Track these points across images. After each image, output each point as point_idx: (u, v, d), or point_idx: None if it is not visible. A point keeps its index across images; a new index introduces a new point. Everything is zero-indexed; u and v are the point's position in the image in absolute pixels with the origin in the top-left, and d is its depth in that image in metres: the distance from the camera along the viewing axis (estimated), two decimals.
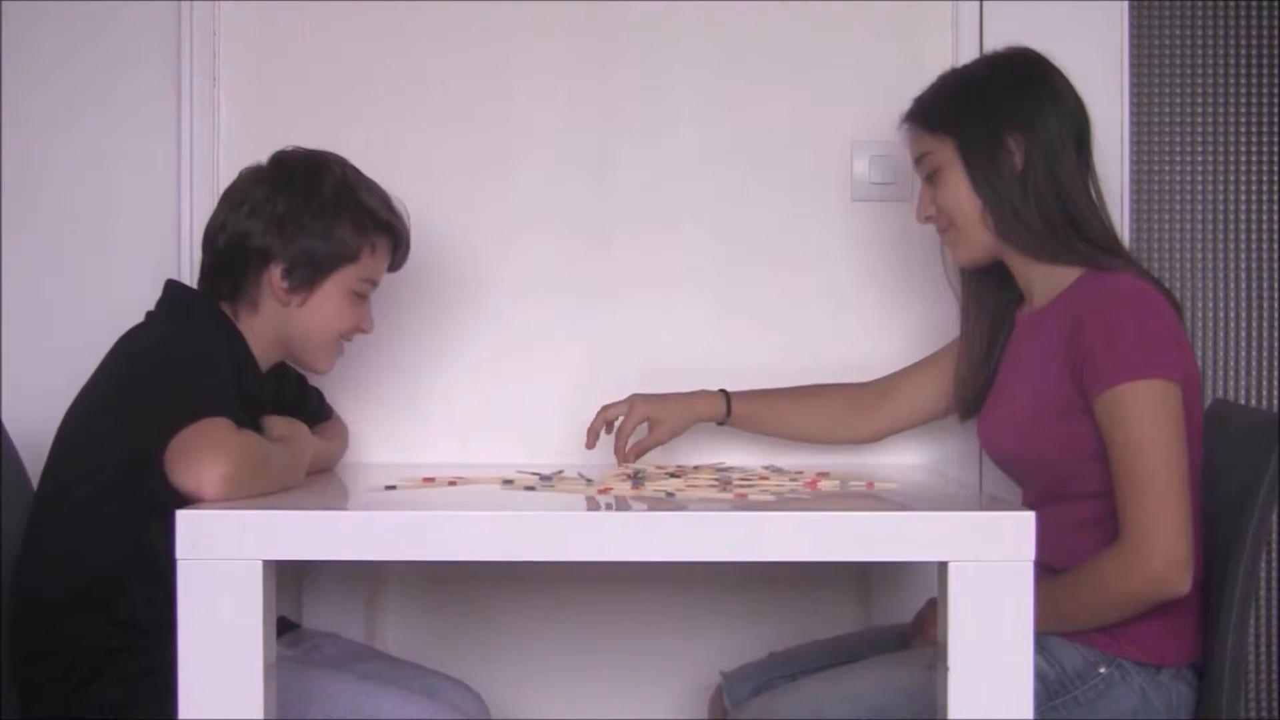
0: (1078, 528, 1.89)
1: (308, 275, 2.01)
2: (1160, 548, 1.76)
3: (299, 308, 2.03)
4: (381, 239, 2.07)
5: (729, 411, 2.27)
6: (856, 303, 2.45)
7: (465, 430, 2.43)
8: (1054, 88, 1.99)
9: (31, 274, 2.44)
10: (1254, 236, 2.71)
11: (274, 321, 2.04)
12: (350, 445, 2.35)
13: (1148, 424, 1.79)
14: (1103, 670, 1.83)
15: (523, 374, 2.45)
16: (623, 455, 2.23)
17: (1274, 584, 2.68)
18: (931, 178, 2.04)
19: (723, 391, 2.28)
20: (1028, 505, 2.00)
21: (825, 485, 1.90)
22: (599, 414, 2.24)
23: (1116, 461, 1.81)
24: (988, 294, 2.11)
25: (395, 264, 2.15)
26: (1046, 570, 1.75)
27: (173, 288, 2.06)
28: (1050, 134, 1.95)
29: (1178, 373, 1.82)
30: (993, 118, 1.97)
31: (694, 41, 2.45)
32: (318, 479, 2.08)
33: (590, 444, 2.23)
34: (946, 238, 2.07)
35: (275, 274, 2.00)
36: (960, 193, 2.00)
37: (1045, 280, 2.00)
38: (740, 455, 2.36)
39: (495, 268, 2.45)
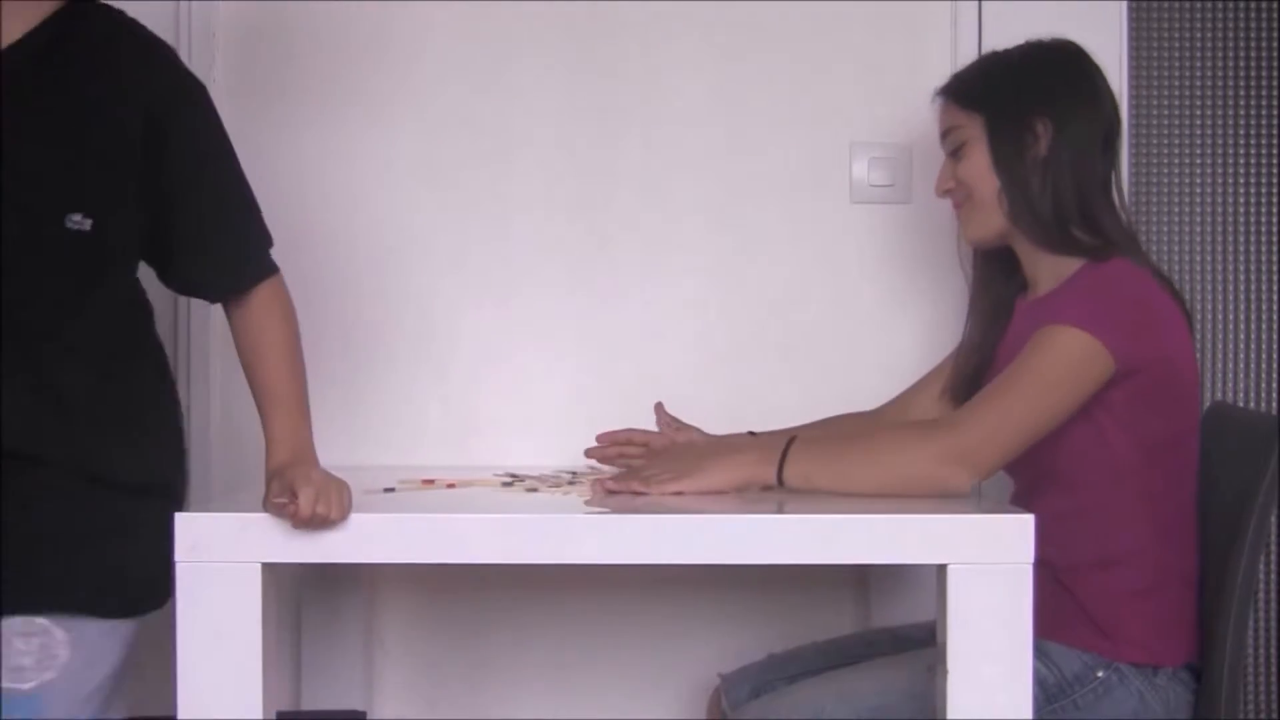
0: (1060, 518, 1.86)
1: None
2: (970, 437, 1.77)
3: None
4: None
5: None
6: (855, 305, 2.45)
7: (464, 432, 2.43)
8: (1092, 83, 1.99)
9: None
10: (1254, 237, 2.70)
11: None
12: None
13: (1049, 359, 1.80)
14: (1100, 674, 1.83)
15: (522, 376, 2.44)
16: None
17: (1273, 585, 2.68)
18: (956, 153, 2.04)
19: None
20: (1017, 494, 2.00)
21: None
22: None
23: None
24: (995, 280, 2.10)
25: None
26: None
27: None
28: (1079, 126, 1.95)
29: (1120, 344, 1.80)
30: (1023, 100, 1.97)
31: (693, 41, 2.45)
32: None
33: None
34: (961, 212, 2.06)
35: None
36: (982, 169, 1.99)
37: (1050, 270, 1.99)
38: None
39: (494, 269, 2.45)
